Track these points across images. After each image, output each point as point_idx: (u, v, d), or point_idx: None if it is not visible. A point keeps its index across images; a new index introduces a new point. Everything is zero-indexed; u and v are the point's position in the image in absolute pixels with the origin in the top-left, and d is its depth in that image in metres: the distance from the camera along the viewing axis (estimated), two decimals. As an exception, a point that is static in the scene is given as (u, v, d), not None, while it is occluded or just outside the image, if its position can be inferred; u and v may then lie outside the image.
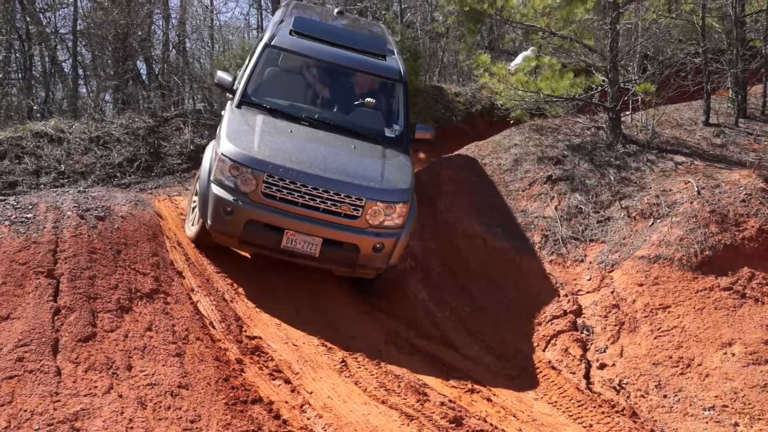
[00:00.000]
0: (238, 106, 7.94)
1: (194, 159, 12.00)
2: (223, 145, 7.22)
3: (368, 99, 8.36)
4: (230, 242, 7.42)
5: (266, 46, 8.37)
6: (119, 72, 14.79)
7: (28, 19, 15.89)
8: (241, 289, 7.30)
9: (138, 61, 16.99)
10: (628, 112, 11.50)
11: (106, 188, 9.36)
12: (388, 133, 8.22)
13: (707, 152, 10.58)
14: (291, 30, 8.70)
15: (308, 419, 5.46)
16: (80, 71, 17.53)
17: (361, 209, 7.20)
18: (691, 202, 8.73)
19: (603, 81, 10.68)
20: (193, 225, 7.88)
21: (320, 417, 5.50)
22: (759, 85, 12.82)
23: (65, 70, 17.57)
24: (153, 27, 17.81)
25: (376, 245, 7.30)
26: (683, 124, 11.75)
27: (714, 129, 11.41)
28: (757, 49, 12.22)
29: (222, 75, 8.23)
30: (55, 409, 4.86)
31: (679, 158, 10.18)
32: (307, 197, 7.09)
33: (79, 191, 7.78)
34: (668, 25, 12.06)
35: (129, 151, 11.68)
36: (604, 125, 10.97)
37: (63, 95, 16.84)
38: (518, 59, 12.63)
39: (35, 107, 15.18)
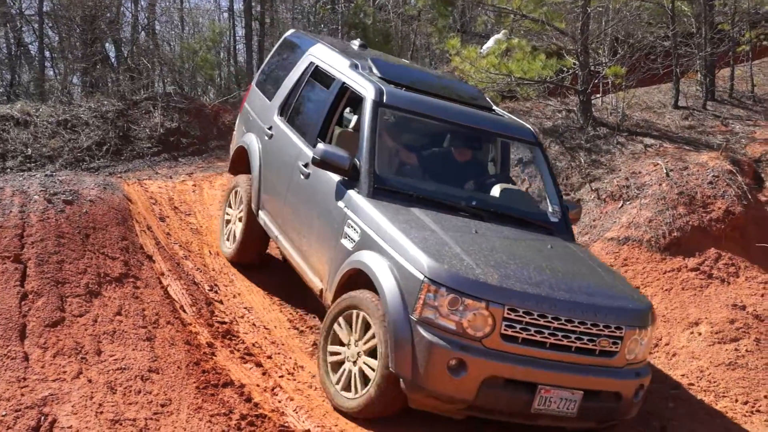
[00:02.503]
0: (373, 195, 5.74)
1: (164, 143, 11.91)
2: (421, 263, 4.98)
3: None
4: (447, 408, 5.09)
5: (378, 105, 6.12)
6: (87, 54, 14.58)
7: (-8, 0, 15.61)
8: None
9: (106, 44, 16.76)
10: (598, 95, 11.58)
11: (74, 172, 9.25)
12: (551, 217, 6.43)
13: (676, 135, 10.69)
14: (383, 78, 6.52)
15: (279, 402, 5.47)
16: (47, 53, 17.28)
17: (620, 342, 5.22)
18: (660, 184, 8.83)
19: (574, 64, 10.74)
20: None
21: (291, 400, 5.51)
22: (727, 68, 12.96)
23: (32, 52, 17.32)
24: (122, 9, 17.57)
25: (638, 389, 5.40)
26: (653, 107, 11.86)
27: (683, 112, 11.52)
28: (725, 32, 12.34)
29: (331, 149, 5.87)
30: (22, 395, 4.81)
31: (648, 141, 10.28)
32: (559, 334, 5.04)
33: (46, 175, 7.68)
34: (638, 9, 12.12)
35: (98, 134, 11.55)
36: (574, 108, 11.04)
37: (29, 78, 16.59)
38: (490, 42, 12.65)
39: (0, 90, 14.93)
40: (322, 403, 5.54)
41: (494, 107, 7.21)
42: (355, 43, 7.74)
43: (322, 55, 7.22)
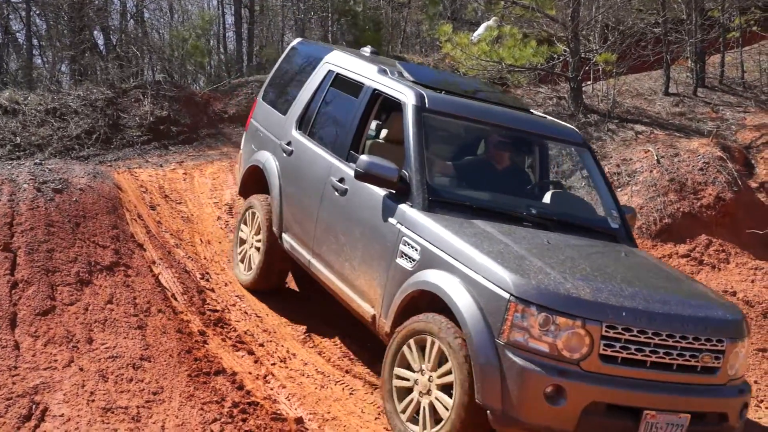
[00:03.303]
0: (429, 208, 5.24)
1: (154, 131, 11.84)
2: (504, 279, 4.48)
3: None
4: None
5: (421, 110, 5.66)
6: (75, 42, 14.45)
7: (-22, -12, 15.48)
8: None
9: (95, 31, 16.63)
10: (589, 82, 11.59)
11: (64, 161, 9.20)
12: (612, 223, 6.01)
13: (667, 121, 10.71)
14: (416, 83, 6.07)
15: (272, 389, 5.47)
16: (35, 41, 17.16)
17: (721, 356, 4.74)
18: (651, 171, 8.86)
19: (564, 51, 10.73)
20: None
21: (283, 387, 5.51)
22: (717, 54, 12.97)
23: (19, 40, 17.17)
24: (110, -4, 17.43)
25: (742, 408, 4.92)
26: (643, 94, 11.87)
27: (673, 98, 11.54)
28: (715, 18, 12.34)
29: (377, 161, 5.35)
30: (14, 383, 4.79)
31: (639, 127, 10.29)
32: (660, 351, 4.56)
33: (35, 164, 7.64)
34: (629, -5, 12.13)
35: (87, 122, 11.46)
36: (565, 95, 11.04)
37: (17, 66, 16.48)
38: (480, 29, 12.61)
39: (-12, 78, 14.84)
40: (314, 390, 5.54)
41: (531, 109, 6.94)
42: (366, 50, 7.15)
43: (343, 62, 6.74)
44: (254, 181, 7.20)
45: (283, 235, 6.59)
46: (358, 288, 5.60)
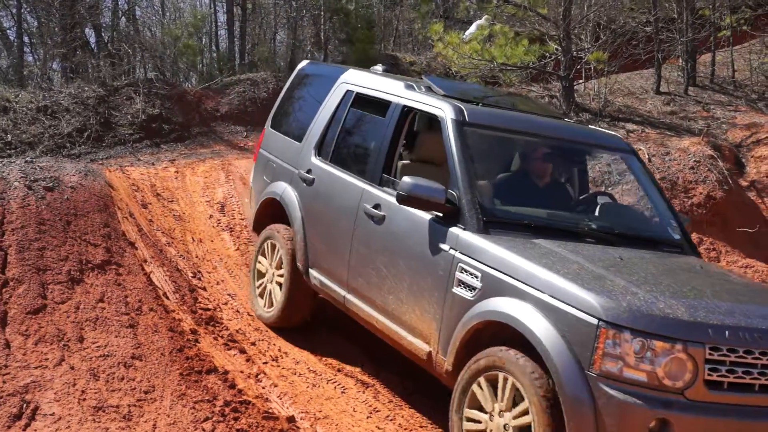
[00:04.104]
0: (484, 230, 4.80)
1: (146, 129, 11.83)
2: (590, 302, 4.00)
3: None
4: None
5: (461, 124, 5.28)
6: (67, 40, 14.39)
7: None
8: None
9: (86, 29, 16.57)
10: (581, 81, 11.62)
11: (55, 159, 9.17)
12: (673, 233, 5.59)
13: (658, 120, 10.75)
14: (447, 96, 5.69)
15: (263, 388, 5.47)
16: (26, 39, 17.07)
17: None
18: (642, 170, 8.88)
19: (556, 50, 10.75)
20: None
21: (275, 386, 5.51)
22: (708, 53, 13.03)
23: (10, 37, 17.10)
24: (101, -7, 17.37)
25: None
26: (635, 93, 11.91)
27: (665, 97, 11.59)
28: (706, 17, 12.39)
29: (422, 182, 4.93)
30: (4, 382, 4.78)
31: (630, 126, 10.33)
32: None
33: (26, 161, 7.62)
34: (620, -6, 12.17)
35: (78, 120, 11.44)
36: (557, 94, 11.06)
37: (8, 63, 16.40)
38: (472, 28, 12.64)
39: (-21, 76, 14.77)
40: (306, 389, 5.54)
41: (564, 117, 6.46)
42: (378, 68, 6.76)
43: (363, 80, 6.37)
44: (269, 216, 6.76)
45: (310, 270, 6.13)
46: (408, 323, 5.11)
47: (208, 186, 9.36)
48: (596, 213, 5.62)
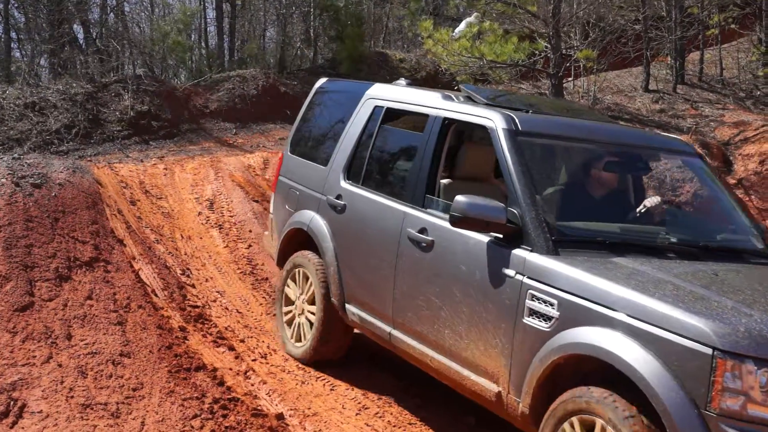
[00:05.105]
0: (553, 251, 4.25)
1: (135, 126, 11.79)
2: (701, 329, 3.42)
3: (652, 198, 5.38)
4: None
5: (515, 134, 4.75)
6: (55, 36, 14.33)
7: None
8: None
9: (75, 25, 16.49)
10: (570, 79, 11.65)
11: (43, 155, 9.12)
12: (756, 243, 5.03)
13: (647, 118, 10.79)
14: (490, 104, 5.20)
15: (252, 385, 5.46)
16: (13, 34, 16.98)
17: None
18: (630, 167, 8.92)
19: (546, 47, 10.78)
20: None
21: (264, 383, 5.50)
22: (696, 52, 13.08)
23: (-3, 33, 16.98)
24: (90, -11, 17.29)
25: None
26: (624, 90, 11.96)
27: (653, 95, 11.64)
28: (695, 16, 12.45)
29: (480, 201, 4.40)
30: (-9, 380, 4.77)
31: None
32: None
33: (13, 158, 7.58)
34: (610, -8, 12.21)
35: (66, 117, 11.39)
36: (547, 91, 11.09)
37: (-5, 60, 16.29)
38: (462, 25, 12.66)
39: (-34, 72, 14.68)
40: (295, 386, 5.54)
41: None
42: (402, 83, 6.23)
43: (392, 94, 5.89)
44: (294, 248, 6.25)
45: (347, 306, 5.62)
46: (469, 361, 4.56)
47: (197, 183, 9.34)
48: (669, 224, 5.15)
